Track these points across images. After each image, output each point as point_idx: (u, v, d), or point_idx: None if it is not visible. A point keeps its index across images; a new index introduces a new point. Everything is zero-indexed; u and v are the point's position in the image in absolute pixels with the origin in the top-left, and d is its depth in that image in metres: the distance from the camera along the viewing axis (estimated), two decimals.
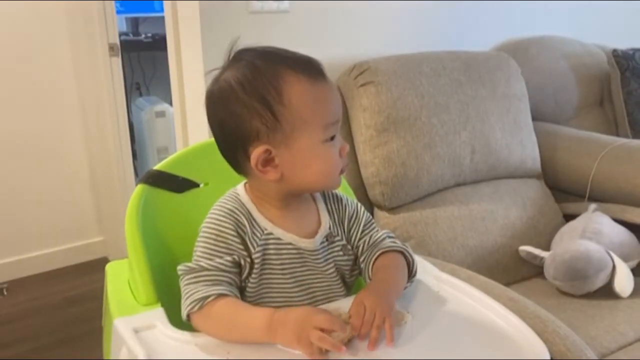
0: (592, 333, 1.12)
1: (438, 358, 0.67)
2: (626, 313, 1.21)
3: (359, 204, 0.86)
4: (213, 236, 0.74)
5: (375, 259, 0.80)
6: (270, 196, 0.77)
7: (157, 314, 0.76)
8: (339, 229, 0.82)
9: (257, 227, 0.76)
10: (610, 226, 1.39)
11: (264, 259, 0.75)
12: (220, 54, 1.45)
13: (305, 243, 0.77)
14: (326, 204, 0.83)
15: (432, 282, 0.84)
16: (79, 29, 2.23)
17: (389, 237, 0.84)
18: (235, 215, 0.75)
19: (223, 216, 0.75)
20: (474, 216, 1.43)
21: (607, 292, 1.27)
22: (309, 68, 0.73)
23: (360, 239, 0.83)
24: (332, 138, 0.74)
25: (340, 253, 0.81)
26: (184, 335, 0.71)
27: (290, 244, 0.77)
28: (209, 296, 0.69)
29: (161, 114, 2.79)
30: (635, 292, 1.27)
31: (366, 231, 0.84)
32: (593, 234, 1.35)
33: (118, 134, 2.33)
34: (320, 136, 0.73)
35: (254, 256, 0.74)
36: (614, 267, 1.27)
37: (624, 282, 1.26)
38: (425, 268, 0.87)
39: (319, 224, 0.80)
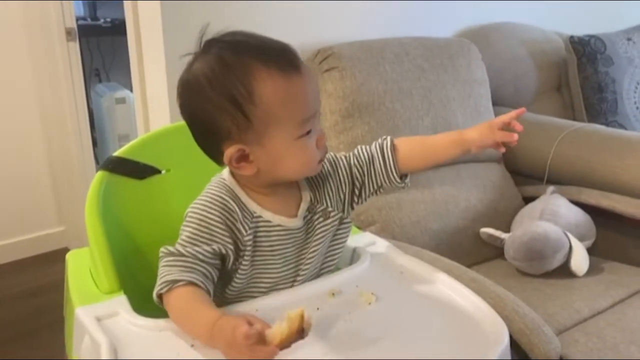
0: (549, 310, 1.16)
1: (401, 337, 0.68)
2: (582, 291, 1.25)
3: (336, 157, 0.84)
4: (196, 223, 0.72)
5: (389, 153, 0.81)
6: (253, 184, 0.76)
7: (120, 301, 0.75)
8: (322, 195, 0.80)
9: (246, 210, 0.75)
10: (567, 207, 1.43)
11: (255, 242, 0.75)
12: (182, 38, 1.42)
13: (293, 222, 0.77)
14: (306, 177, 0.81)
15: (396, 264, 0.85)
16: (34, 14, 2.15)
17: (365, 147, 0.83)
18: (225, 203, 0.74)
19: (211, 203, 0.74)
20: (437, 200, 1.45)
21: (564, 271, 1.31)
22: (282, 61, 0.70)
23: (352, 175, 0.82)
24: (309, 132, 0.72)
25: (321, 219, 0.79)
26: (148, 322, 0.70)
27: (279, 225, 0.76)
28: (179, 280, 0.69)
29: (121, 101, 2.72)
30: (590, 270, 1.31)
31: (351, 162, 0.82)
32: (551, 216, 1.39)
33: (77, 121, 2.26)
34: (295, 133, 0.71)
35: (245, 239, 0.73)
36: (570, 247, 1.31)
37: (579, 262, 1.30)
38: (389, 251, 0.88)
39: (301, 200, 0.79)
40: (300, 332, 0.61)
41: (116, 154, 0.91)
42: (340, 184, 0.82)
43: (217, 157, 0.75)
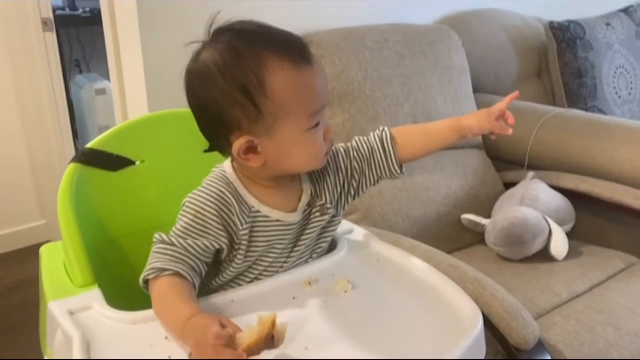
0: (529, 295, 1.17)
1: (376, 325, 0.68)
2: (561, 275, 1.26)
3: (336, 149, 0.82)
4: (192, 214, 0.72)
5: (390, 144, 0.80)
6: (257, 176, 0.75)
7: (94, 295, 0.74)
8: (322, 189, 0.80)
9: (244, 204, 0.74)
10: (547, 193, 1.44)
11: (251, 237, 0.74)
12: (157, 26, 1.39)
13: (292, 217, 0.76)
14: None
15: (373, 252, 0.85)
16: (9, 4, 2.11)
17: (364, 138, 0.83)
18: (223, 196, 0.73)
19: (208, 196, 0.72)
20: (418, 187, 1.45)
21: (544, 255, 1.32)
22: (294, 52, 0.69)
23: (352, 167, 0.81)
24: (317, 124, 0.71)
25: (318, 214, 0.79)
26: (122, 315, 0.70)
27: (278, 220, 0.75)
28: (166, 269, 0.68)
29: (102, 92, 2.69)
30: (570, 254, 1.32)
31: (351, 155, 0.81)
32: (531, 201, 1.39)
33: (57, 113, 2.23)
34: (304, 125, 0.70)
35: (241, 233, 0.73)
36: (550, 232, 1.32)
37: (559, 246, 1.32)
38: (366, 239, 0.88)
39: (302, 193, 0.79)
40: (270, 338, 0.60)
41: (89, 145, 0.90)
42: (339, 176, 0.81)
43: (224, 148, 0.73)
